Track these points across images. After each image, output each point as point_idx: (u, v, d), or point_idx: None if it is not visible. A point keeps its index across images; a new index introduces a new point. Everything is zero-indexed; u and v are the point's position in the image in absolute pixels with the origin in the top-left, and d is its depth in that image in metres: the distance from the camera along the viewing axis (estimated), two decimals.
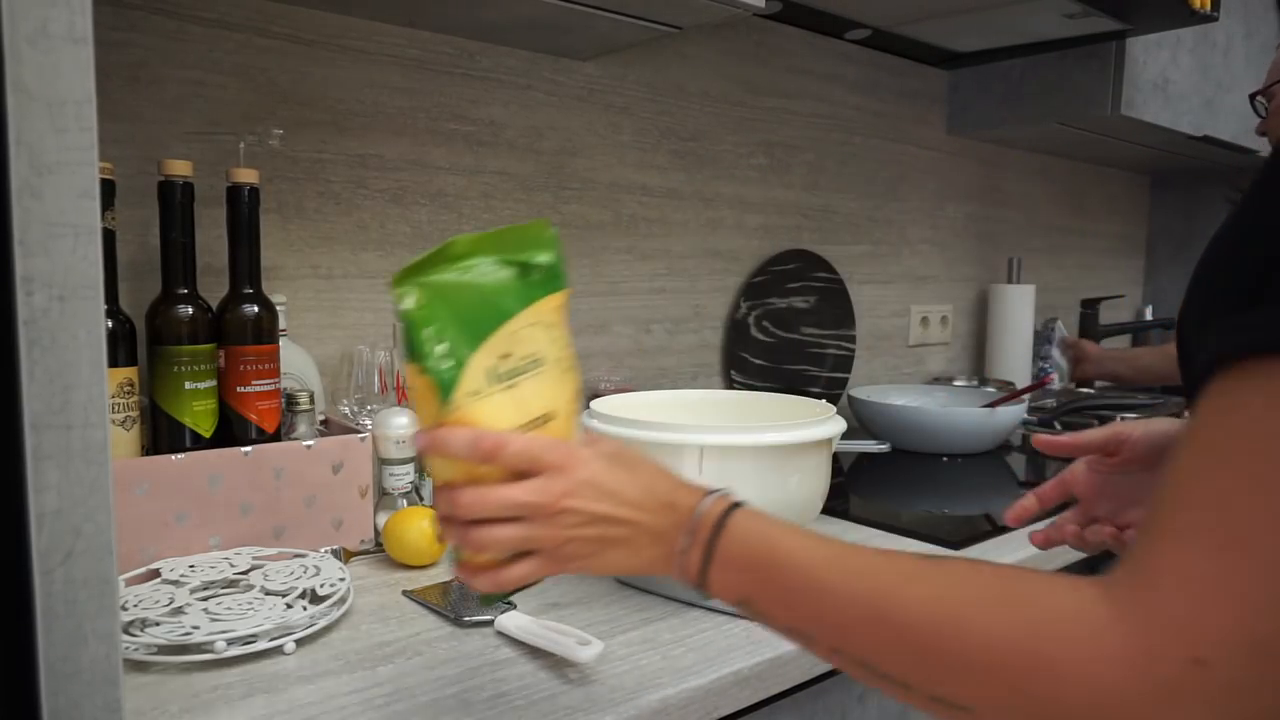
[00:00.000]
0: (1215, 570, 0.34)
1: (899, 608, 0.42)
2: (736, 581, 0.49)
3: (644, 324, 1.47)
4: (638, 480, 0.53)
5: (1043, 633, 0.37)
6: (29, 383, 0.38)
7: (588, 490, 0.51)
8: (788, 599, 0.47)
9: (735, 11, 1.09)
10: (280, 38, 1.07)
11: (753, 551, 0.49)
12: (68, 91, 0.38)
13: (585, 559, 0.52)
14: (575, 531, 0.51)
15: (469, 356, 0.51)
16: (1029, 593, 0.39)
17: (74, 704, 0.41)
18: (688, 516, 0.51)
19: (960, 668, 0.39)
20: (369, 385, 1.07)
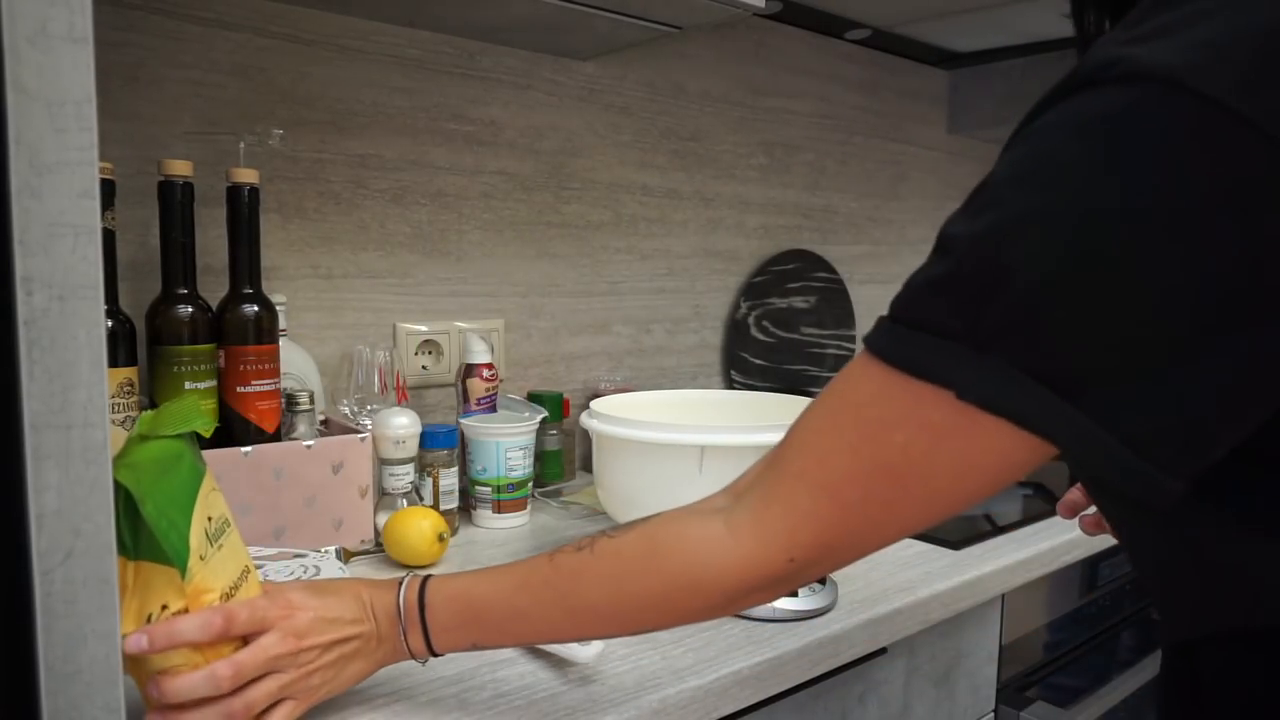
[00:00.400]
0: (808, 504, 0.47)
1: (582, 601, 0.55)
2: (459, 638, 0.59)
3: (644, 324, 1.47)
4: (344, 599, 0.60)
5: (686, 571, 0.51)
6: (29, 383, 0.38)
7: (317, 625, 0.58)
8: (502, 630, 0.58)
9: (735, 11, 1.09)
10: (279, 37, 1.07)
11: (458, 611, 0.59)
12: (68, 91, 0.38)
13: (331, 682, 0.60)
14: (318, 663, 0.58)
15: (188, 525, 0.54)
16: (669, 546, 0.52)
17: (74, 704, 0.41)
18: (395, 611, 0.60)
19: (640, 616, 0.54)
20: (369, 385, 1.07)
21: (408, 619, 0.60)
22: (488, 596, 0.58)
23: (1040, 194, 0.39)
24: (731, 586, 0.51)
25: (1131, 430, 0.38)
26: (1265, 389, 0.38)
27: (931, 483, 0.44)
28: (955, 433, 0.42)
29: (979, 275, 0.40)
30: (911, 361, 0.43)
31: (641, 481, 0.85)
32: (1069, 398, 0.39)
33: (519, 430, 1.07)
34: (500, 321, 1.30)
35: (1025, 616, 1.08)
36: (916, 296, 0.43)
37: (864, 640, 0.81)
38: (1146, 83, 0.36)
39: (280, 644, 0.56)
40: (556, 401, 1.26)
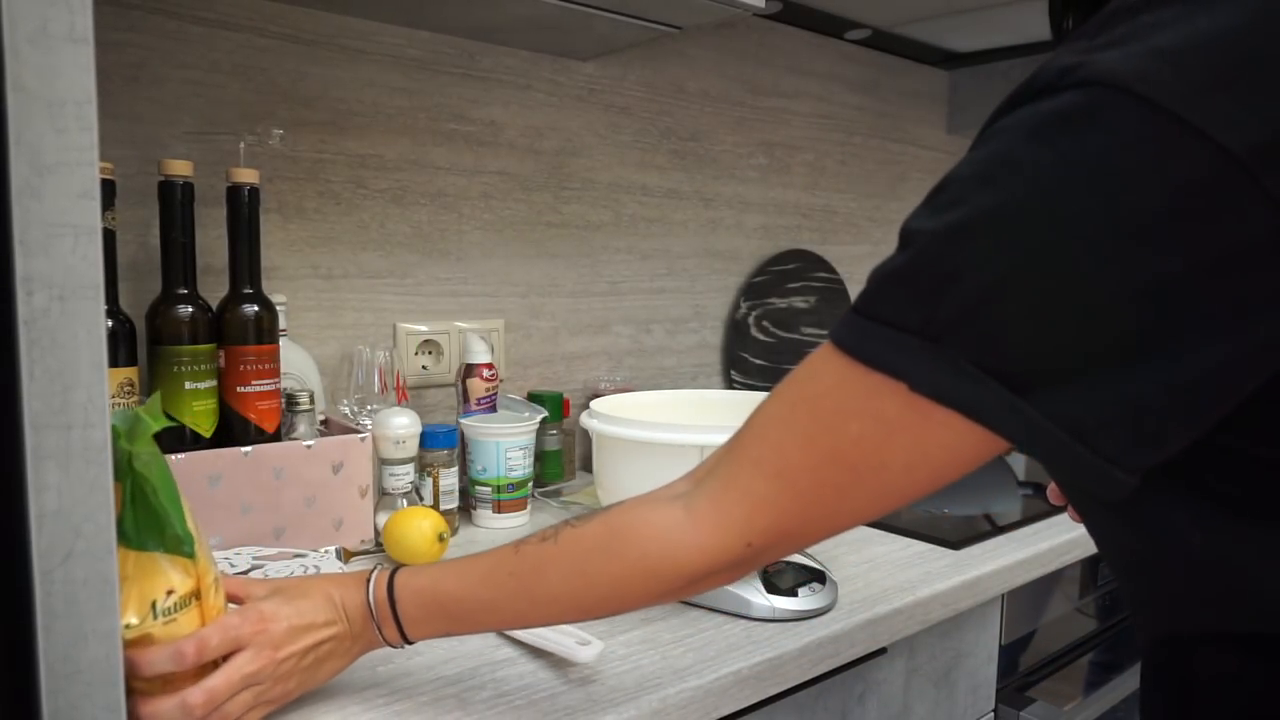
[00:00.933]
0: (764, 491, 0.49)
1: (545, 590, 0.56)
2: (432, 628, 0.61)
3: (644, 324, 1.47)
4: (315, 602, 0.61)
5: (646, 556, 0.53)
6: (29, 383, 0.38)
7: (292, 634, 0.59)
8: (473, 620, 0.60)
9: (735, 11, 1.09)
10: (280, 37, 1.07)
11: (426, 605, 0.60)
12: (68, 91, 0.38)
13: (307, 683, 0.61)
14: (295, 667, 0.60)
15: (184, 512, 0.55)
16: (629, 533, 0.54)
17: (74, 704, 0.41)
18: (365, 607, 0.61)
19: (604, 601, 0.55)
20: (369, 385, 1.07)
21: (380, 615, 0.61)
22: (454, 591, 0.60)
23: (995, 195, 0.40)
24: (690, 570, 0.52)
25: (1078, 424, 0.39)
26: (1218, 389, 0.39)
27: (884, 474, 0.46)
28: (908, 425, 0.43)
29: (935, 271, 0.41)
30: (867, 353, 0.44)
31: (641, 481, 0.84)
32: (1018, 391, 0.40)
33: (519, 430, 1.07)
34: (500, 321, 1.30)
35: (1025, 616, 1.08)
36: (877, 290, 0.44)
37: (864, 640, 0.81)
38: (1099, 89, 0.38)
39: (255, 660, 0.57)
40: (556, 401, 1.26)
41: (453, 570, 0.61)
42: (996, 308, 0.40)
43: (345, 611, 0.62)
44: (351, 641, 0.62)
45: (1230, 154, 0.35)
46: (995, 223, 0.40)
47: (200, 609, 0.56)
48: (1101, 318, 0.38)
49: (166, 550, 0.54)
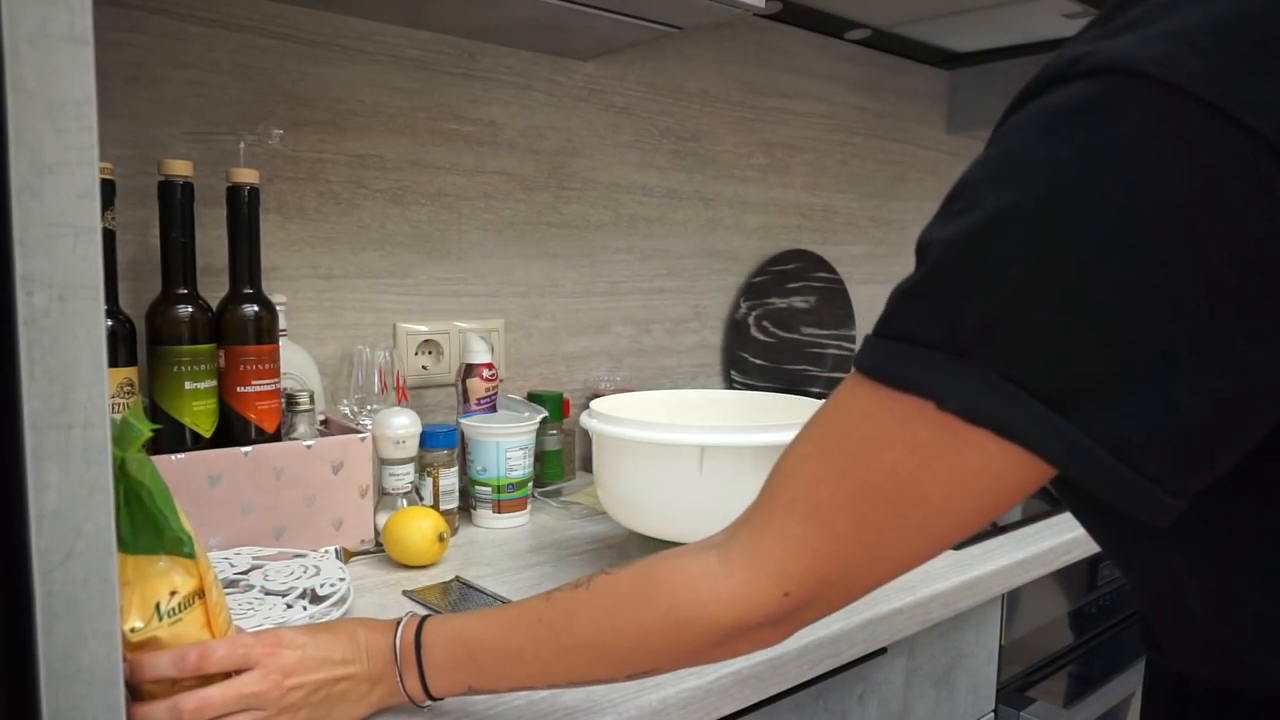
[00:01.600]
0: (800, 532, 0.45)
1: (575, 638, 0.53)
2: (455, 680, 0.57)
3: (644, 324, 1.47)
4: (337, 638, 0.59)
5: (679, 606, 0.49)
6: (29, 383, 0.38)
7: (304, 664, 0.56)
8: (497, 672, 0.56)
9: (735, 11, 1.09)
10: (280, 37, 1.07)
11: (453, 652, 0.57)
12: (68, 91, 0.38)
13: (315, 719, 0.58)
14: (304, 703, 0.56)
15: (179, 514, 0.55)
16: (662, 580, 0.50)
17: (74, 704, 0.41)
18: (391, 651, 0.58)
19: (634, 655, 0.51)
20: (369, 385, 1.07)
21: (404, 659, 0.58)
22: (482, 636, 0.56)
23: (1013, 194, 0.38)
24: (724, 623, 0.48)
25: (1120, 441, 0.36)
26: (1264, 398, 0.36)
27: (924, 506, 0.42)
28: (942, 450, 0.40)
29: (955, 280, 0.39)
30: (892, 374, 0.41)
31: (641, 481, 0.85)
32: (1053, 406, 0.37)
33: (519, 430, 1.07)
34: (500, 321, 1.30)
35: (1025, 616, 1.08)
36: (897, 308, 0.42)
37: (864, 640, 0.81)
38: (1113, 75, 0.36)
39: (260, 682, 0.55)
40: (556, 401, 1.26)
41: (484, 615, 0.57)
42: (1022, 315, 0.37)
43: (367, 652, 0.58)
44: (370, 686, 0.58)
45: (1261, 137, 0.33)
46: (1014, 224, 0.37)
47: (204, 606, 0.56)
48: (1136, 320, 0.35)
49: (167, 552, 0.54)
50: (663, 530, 0.86)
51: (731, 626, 0.48)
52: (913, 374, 0.40)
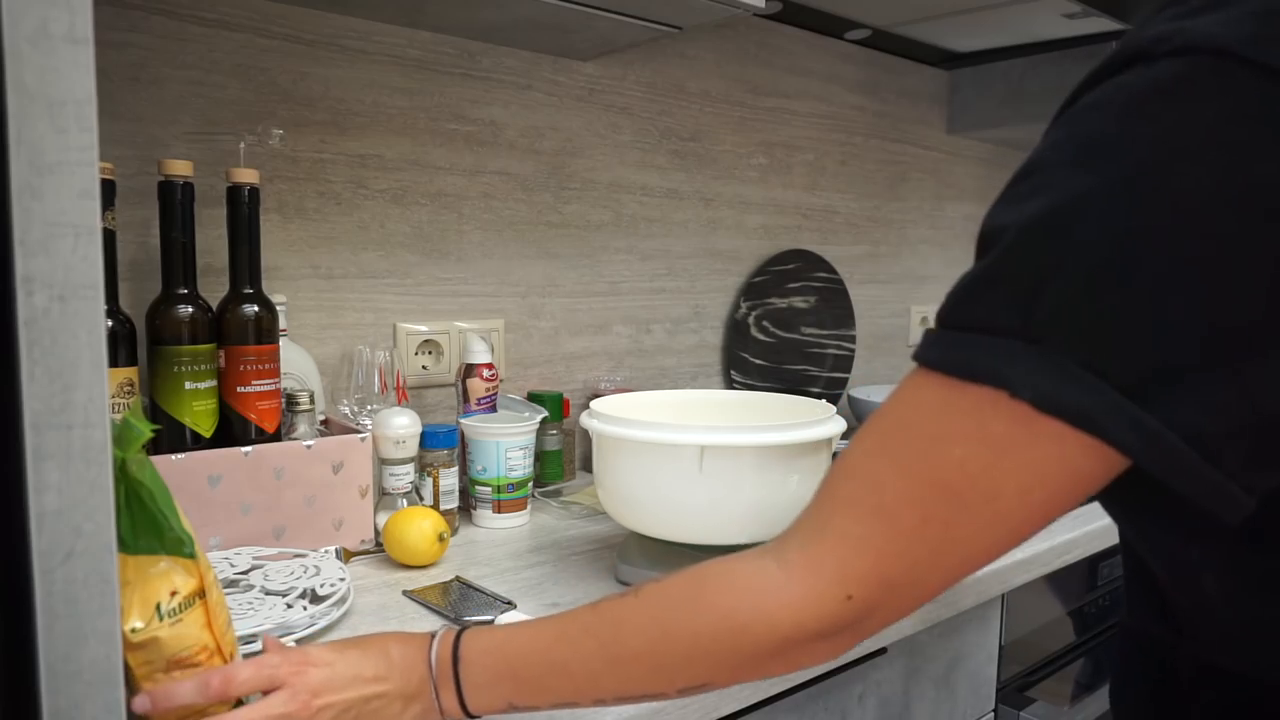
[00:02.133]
0: (862, 531, 0.43)
1: (624, 649, 0.49)
2: (495, 696, 0.53)
3: (644, 324, 1.47)
4: (368, 654, 0.55)
5: (734, 611, 0.46)
6: (29, 383, 0.38)
7: (334, 683, 0.53)
8: (541, 687, 0.52)
9: (735, 11, 1.09)
10: (280, 38, 1.07)
11: (492, 665, 0.52)
12: (68, 91, 0.38)
13: None
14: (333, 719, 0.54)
15: (179, 514, 0.55)
16: (715, 583, 0.47)
17: (74, 704, 0.41)
18: (426, 666, 0.54)
19: (686, 665, 0.47)
20: (369, 385, 1.07)
21: (439, 675, 0.54)
22: (525, 649, 0.52)
23: (1092, 174, 0.36)
24: (785, 628, 0.44)
25: (1200, 433, 0.35)
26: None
27: (996, 502, 0.40)
28: (1015, 441, 0.38)
29: (1029, 264, 0.37)
30: (961, 364, 0.39)
31: (641, 481, 0.85)
32: (1132, 395, 0.35)
33: (519, 430, 1.07)
34: (500, 321, 1.30)
35: (1025, 616, 1.08)
36: (964, 296, 0.40)
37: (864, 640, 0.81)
38: (1200, 55, 0.34)
39: (288, 703, 0.52)
40: (556, 401, 1.26)
41: (526, 627, 0.54)
42: (1102, 300, 0.35)
43: (401, 668, 0.55)
44: (404, 704, 0.55)
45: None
46: (1095, 207, 0.36)
47: (205, 607, 0.56)
48: (1220, 308, 0.34)
49: (167, 552, 0.54)
50: (663, 530, 0.86)
51: (790, 633, 0.44)
52: (983, 363, 0.39)
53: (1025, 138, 2.01)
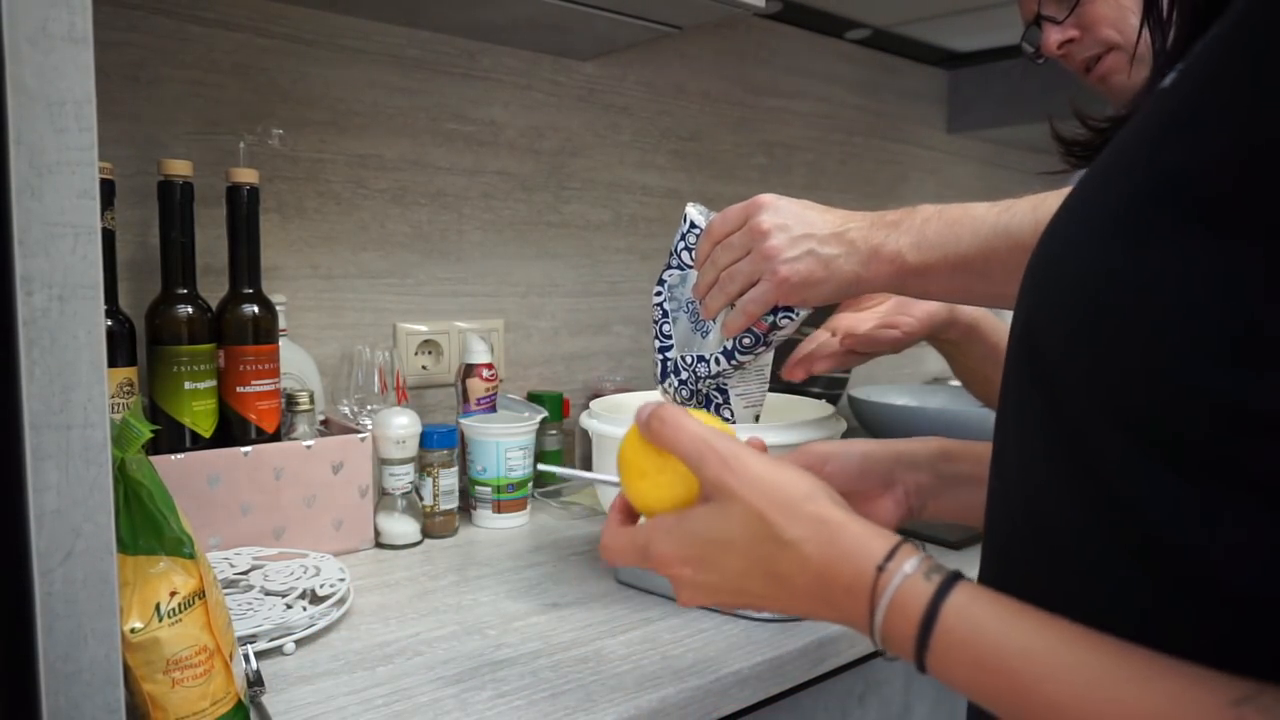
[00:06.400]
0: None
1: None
2: (953, 676, 0.38)
3: (644, 324, 1.47)
4: (757, 564, 0.43)
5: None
6: (29, 383, 0.38)
7: (704, 591, 0.46)
8: (1005, 702, 0.36)
9: (735, 11, 1.09)
10: (280, 37, 1.07)
11: (989, 678, 0.36)
12: (68, 91, 0.38)
13: (751, 605, 0.46)
14: (719, 599, 0.47)
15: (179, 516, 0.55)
16: None
17: (74, 704, 0.41)
18: (860, 609, 0.40)
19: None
20: (369, 385, 1.07)
21: (890, 647, 0.39)
22: (1020, 656, 0.35)
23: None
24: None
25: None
26: None
27: None
28: None
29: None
30: None
31: None
32: None
33: (519, 430, 1.07)
34: (500, 321, 1.30)
35: None
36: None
37: (864, 640, 0.81)
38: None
39: (651, 565, 0.48)
40: (556, 401, 1.26)
41: (1023, 626, 0.36)
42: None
43: (815, 596, 0.42)
44: (823, 616, 0.43)
45: None
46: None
47: (205, 607, 0.56)
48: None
49: (167, 552, 0.54)
50: None
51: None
52: None
53: (1025, 138, 2.01)
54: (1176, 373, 0.30)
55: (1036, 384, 0.37)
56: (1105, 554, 0.34)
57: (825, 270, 0.67)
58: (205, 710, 0.55)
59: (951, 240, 0.64)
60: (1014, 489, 0.40)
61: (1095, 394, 0.34)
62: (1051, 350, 0.36)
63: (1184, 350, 0.30)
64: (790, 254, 0.68)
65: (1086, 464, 0.34)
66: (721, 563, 0.44)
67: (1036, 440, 0.37)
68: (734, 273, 0.71)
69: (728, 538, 0.43)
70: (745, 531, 0.43)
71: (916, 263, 0.64)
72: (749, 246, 0.70)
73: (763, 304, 0.70)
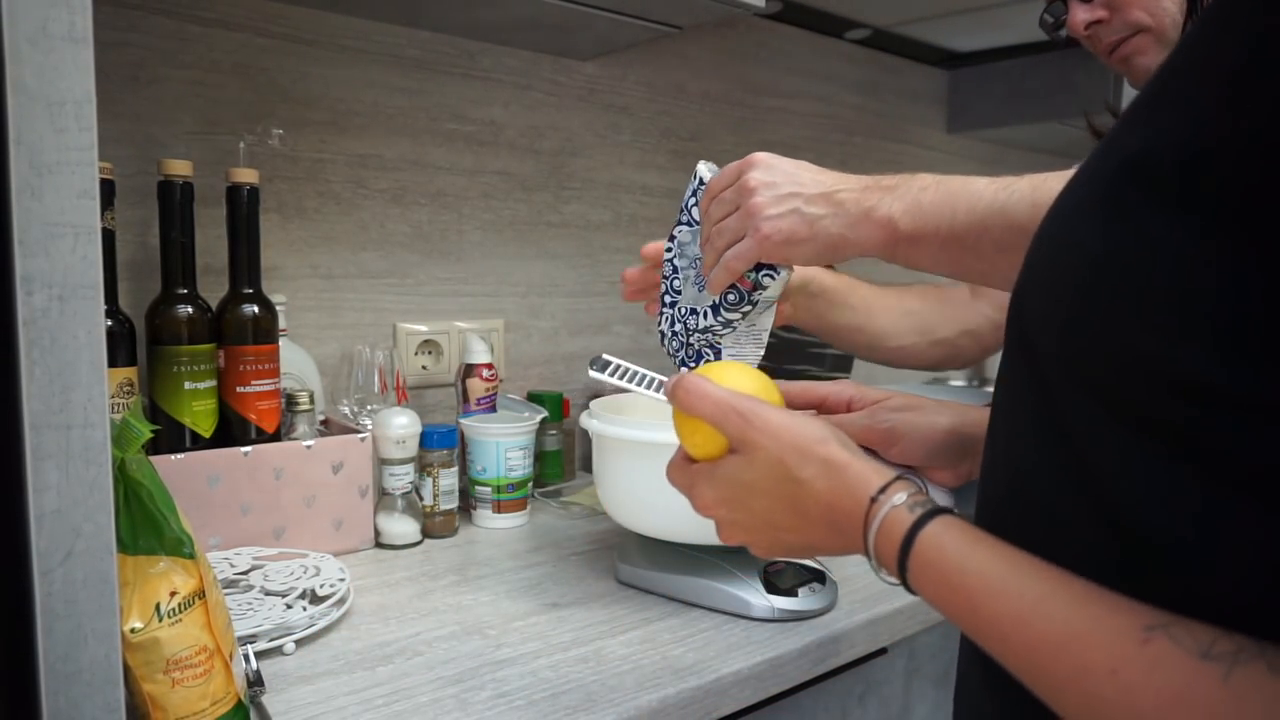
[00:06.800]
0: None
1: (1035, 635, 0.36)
2: (940, 610, 0.41)
3: (644, 324, 1.47)
4: (780, 501, 0.48)
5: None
6: (29, 383, 0.38)
7: (737, 529, 0.52)
8: (976, 624, 0.39)
9: (735, 11, 1.09)
10: (280, 37, 1.07)
11: (945, 591, 0.40)
12: (68, 91, 0.38)
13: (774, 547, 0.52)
14: (751, 536, 0.52)
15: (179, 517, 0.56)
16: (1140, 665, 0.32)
17: (74, 704, 0.41)
18: (858, 534, 0.45)
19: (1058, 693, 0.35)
20: (369, 385, 1.07)
21: (881, 568, 0.44)
22: (984, 586, 0.38)
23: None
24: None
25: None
26: None
27: None
28: None
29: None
30: None
31: (641, 481, 0.85)
32: None
33: (519, 430, 1.07)
34: (500, 321, 1.30)
35: None
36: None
37: (864, 640, 0.81)
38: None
39: (695, 499, 0.54)
40: (556, 401, 1.26)
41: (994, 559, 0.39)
42: None
43: (824, 521, 0.47)
44: (838, 550, 0.48)
45: None
46: None
47: (205, 607, 0.56)
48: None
49: (167, 553, 0.54)
50: (663, 530, 0.86)
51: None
52: None
53: (1025, 138, 2.02)
54: (1134, 345, 0.32)
55: (1023, 355, 0.40)
56: (1077, 521, 0.36)
57: (809, 229, 0.66)
58: (205, 710, 0.55)
59: (947, 212, 0.62)
60: (1001, 459, 0.43)
61: (1068, 364, 0.36)
62: (1033, 322, 0.39)
63: (1138, 323, 0.32)
64: (773, 211, 0.67)
65: (1063, 433, 0.37)
66: (751, 503, 0.50)
67: (1022, 412, 0.41)
68: (721, 228, 0.71)
69: (754, 481, 0.49)
70: (768, 475, 0.49)
71: (909, 230, 0.63)
72: (737, 203, 0.70)
73: (744, 260, 0.70)
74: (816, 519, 0.47)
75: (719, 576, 0.81)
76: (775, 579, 0.81)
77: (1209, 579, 0.32)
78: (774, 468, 0.48)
